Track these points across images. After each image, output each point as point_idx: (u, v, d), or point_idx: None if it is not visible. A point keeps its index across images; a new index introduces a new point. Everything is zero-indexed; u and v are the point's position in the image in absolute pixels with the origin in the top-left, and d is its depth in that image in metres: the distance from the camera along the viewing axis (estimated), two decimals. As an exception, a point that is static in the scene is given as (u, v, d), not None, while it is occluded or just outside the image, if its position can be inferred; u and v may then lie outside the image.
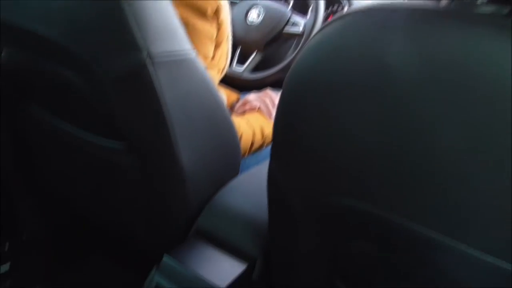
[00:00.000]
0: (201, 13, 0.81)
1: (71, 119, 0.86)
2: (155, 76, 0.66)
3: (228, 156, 0.88)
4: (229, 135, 0.86)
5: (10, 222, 1.21)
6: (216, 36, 0.87)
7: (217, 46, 0.88)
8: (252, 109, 1.11)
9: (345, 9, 1.44)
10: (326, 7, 1.45)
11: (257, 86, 1.33)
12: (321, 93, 0.44)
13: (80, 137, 0.85)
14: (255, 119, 1.07)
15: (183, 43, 0.71)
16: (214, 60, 0.89)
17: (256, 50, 1.36)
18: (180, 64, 0.70)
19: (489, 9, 0.34)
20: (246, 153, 1.03)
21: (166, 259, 0.73)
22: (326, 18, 1.47)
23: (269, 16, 1.33)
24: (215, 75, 0.93)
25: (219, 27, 0.86)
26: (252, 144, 1.03)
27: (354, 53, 0.40)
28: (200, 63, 0.75)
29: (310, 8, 1.31)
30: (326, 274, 0.60)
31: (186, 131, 0.75)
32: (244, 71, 1.36)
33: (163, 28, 0.67)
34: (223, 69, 0.97)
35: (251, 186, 0.86)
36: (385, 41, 0.38)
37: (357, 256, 0.52)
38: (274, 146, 0.52)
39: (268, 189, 0.58)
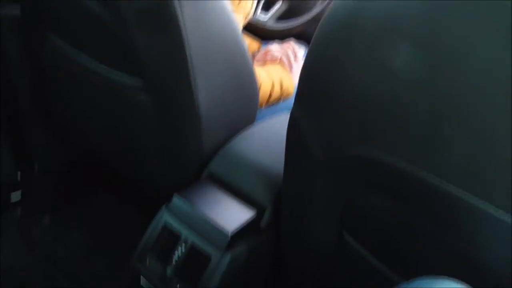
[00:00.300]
0: None
1: (91, 52, 0.84)
2: (180, 13, 0.64)
3: (246, 103, 0.87)
4: (249, 83, 0.84)
5: (23, 152, 1.22)
6: None
7: None
8: (274, 60, 1.08)
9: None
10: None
11: (281, 36, 1.29)
12: (354, 43, 0.43)
13: (98, 71, 0.84)
14: (276, 70, 1.04)
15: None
16: (241, 3, 0.86)
17: (282, -3, 1.31)
18: (207, 3, 0.68)
19: None
20: (263, 104, 1.01)
21: (176, 199, 0.74)
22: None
23: (299, -37, 1.27)
24: (240, 20, 0.90)
25: None
26: (270, 95, 1.01)
27: (389, 4, 0.39)
28: (228, 5, 0.72)
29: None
30: (336, 227, 0.60)
31: (206, 73, 0.74)
32: (268, 19, 1.31)
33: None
34: (248, 14, 0.93)
35: (266, 136, 0.84)
36: None
37: (371, 210, 0.52)
38: (300, 91, 0.51)
39: (288, 134, 0.56)
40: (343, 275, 0.67)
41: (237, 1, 0.85)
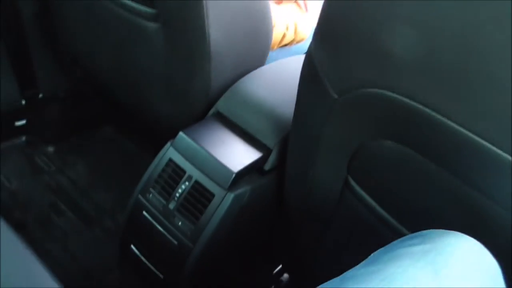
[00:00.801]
0: None
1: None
2: None
3: (258, 42, 0.84)
4: (263, 23, 0.81)
5: (28, 81, 1.21)
6: None
7: None
8: (289, 0, 1.04)
9: None
10: None
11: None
12: None
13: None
14: (291, 11, 1.00)
15: None
16: None
17: None
18: None
19: None
20: (276, 46, 0.98)
21: (181, 135, 0.73)
22: None
23: None
24: None
25: None
26: (283, 37, 0.98)
27: None
28: None
29: None
30: (342, 172, 0.59)
31: (220, 8, 0.70)
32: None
33: None
34: None
35: (275, 77, 0.82)
36: None
37: (380, 156, 0.51)
38: (319, 29, 0.49)
39: (303, 73, 0.55)
40: (344, 221, 0.67)
41: None
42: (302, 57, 0.89)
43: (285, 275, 0.99)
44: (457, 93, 0.39)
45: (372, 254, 0.35)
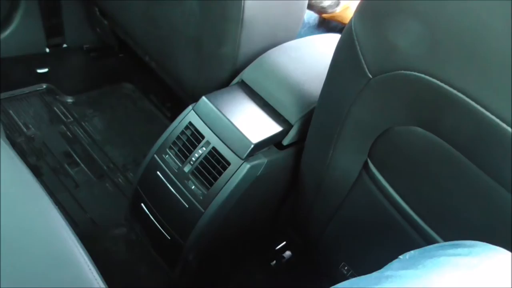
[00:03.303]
0: None
1: None
2: None
3: (291, 15, 0.82)
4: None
5: (54, 29, 1.20)
6: None
7: None
8: None
9: None
10: None
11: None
12: None
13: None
14: None
15: None
16: None
17: None
18: None
19: None
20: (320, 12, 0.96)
21: (204, 100, 0.72)
22: None
23: None
24: None
25: None
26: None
27: None
28: None
29: None
30: (363, 155, 0.58)
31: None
32: None
33: None
34: None
35: (305, 53, 0.81)
36: None
37: (407, 144, 0.50)
38: (363, 7, 0.47)
39: (340, 50, 0.53)
40: (358, 204, 0.67)
41: None
42: (334, 36, 0.87)
43: (287, 252, 1.00)
44: (496, 84, 0.38)
45: (407, 254, 0.34)
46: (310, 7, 0.98)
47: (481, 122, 0.39)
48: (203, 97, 0.73)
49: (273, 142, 0.72)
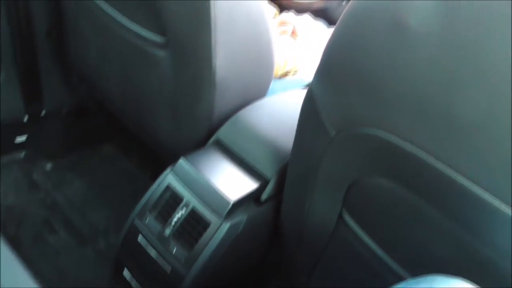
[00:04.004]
0: None
1: (115, 3, 0.83)
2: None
3: (262, 72, 0.86)
4: (268, 52, 0.83)
5: (32, 96, 1.22)
6: None
7: None
8: (286, 32, 1.08)
9: None
10: None
11: (300, 9, 1.27)
12: (384, 24, 0.42)
13: (121, 22, 0.83)
14: (289, 43, 1.04)
15: None
16: None
17: (308, -29, 1.28)
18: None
19: None
20: (277, 74, 1.00)
21: (182, 161, 0.74)
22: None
23: None
24: None
25: None
26: (284, 66, 1.00)
27: None
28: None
29: None
30: (337, 206, 0.60)
31: (227, 37, 0.73)
32: (291, -9, 1.29)
33: None
34: None
35: (277, 110, 0.84)
36: None
37: (375, 192, 0.52)
38: (321, 67, 0.51)
39: (303, 108, 0.56)
40: (337, 253, 0.68)
41: None
42: (303, 92, 0.91)
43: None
44: (451, 138, 0.41)
45: None
46: None
47: (434, 173, 0.42)
48: (181, 159, 0.74)
49: (252, 198, 0.73)
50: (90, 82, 1.14)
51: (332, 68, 0.48)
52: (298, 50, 1.02)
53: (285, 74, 1.03)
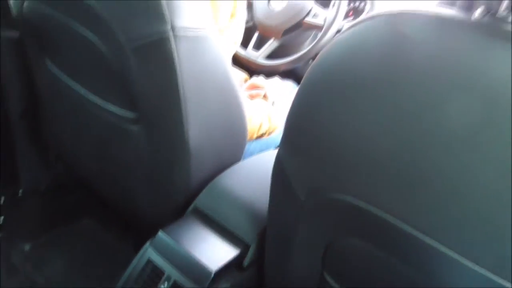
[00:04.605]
0: None
1: (86, 83, 0.86)
2: (175, 49, 0.66)
3: (235, 138, 0.88)
4: (239, 117, 0.86)
5: (9, 177, 1.21)
6: (232, 8, 0.88)
7: (232, 16, 0.89)
8: (258, 95, 1.12)
9: (367, 6, 1.42)
10: (349, 1, 1.43)
11: (269, 72, 1.32)
12: (337, 93, 0.45)
13: (93, 101, 0.85)
14: (262, 104, 1.07)
15: (206, 21, 0.70)
16: (230, 30, 0.90)
17: (273, 37, 1.35)
18: (201, 40, 0.70)
19: None
20: (254, 136, 1.03)
21: (160, 234, 0.74)
22: (346, 14, 1.45)
23: (292, 4, 1.31)
24: (230, 46, 0.93)
25: None
26: (259, 128, 1.03)
27: (373, 59, 0.41)
28: (220, 42, 0.74)
29: (332, 2, 1.29)
30: (317, 267, 0.60)
31: (198, 107, 0.75)
32: (259, 56, 1.35)
33: (188, 3, 0.67)
34: (236, 40, 0.97)
35: (253, 173, 0.86)
36: (406, 50, 0.38)
37: (351, 253, 0.53)
38: (285, 134, 0.53)
39: (273, 175, 0.58)
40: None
41: (227, 28, 0.88)
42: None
43: None
44: (409, 198, 0.42)
45: None
46: None
47: (401, 233, 0.43)
48: (160, 232, 0.74)
49: (234, 265, 0.73)
50: (67, 160, 1.15)
51: (295, 136, 0.51)
52: (271, 112, 1.06)
53: (261, 136, 1.06)
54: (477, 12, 0.38)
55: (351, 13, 1.46)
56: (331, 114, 0.45)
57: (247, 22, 1.40)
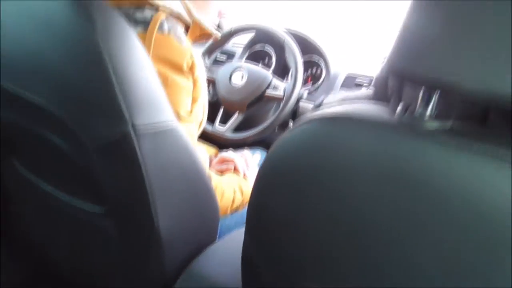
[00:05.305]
0: (178, 68, 0.84)
1: (52, 181, 0.86)
2: (137, 147, 0.67)
3: (207, 220, 0.89)
4: (209, 200, 0.87)
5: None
6: (193, 91, 0.90)
7: (194, 100, 0.91)
8: (228, 170, 1.14)
9: (324, 71, 1.50)
10: (305, 69, 1.51)
11: (237, 145, 1.36)
12: (288, 186, 0.47)
13: (60, 198, 0.85)
14: (233, 178, 1.09)
15: (166, 114, 0.72)
16: (193, 114, 0.91)
17: (238, 111, 1.39)
18: (163, 134, 0.72)
19: (434, 124, 0.38)
20: (228, 211, 1.03)
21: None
22: (305, 81, 1.52)
23: (252, 79, 1.37)
24: (194, 129, 0.95)
25: (195, 82, 0.89)
26: (233, 201, 1.04)
27: (317, 158, 0.44)
28: (183, 130, 0.76)
29: (290, 73, 1.36)
30: None
31: (166, 198, 0.76)
32: (226, 130, 1.39)
33: (147, 100, 0.69)
34: (201, 122, 0.99)
35: (229, 254, 0.86)
36: (345, 149, 0.42)
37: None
38: (249, 223, 0.54)
39: (242, 262, 0.58)
40: None
41: (188, 113, 0.90)
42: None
43: None
44: None
45: None
46: None
47: None
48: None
49: None
50: (38, 255, 1.12)
51: (255, 224, 0.52)
52: (242, 184, 1.07)
53: (236, 209, 1.06)
54: (397, 112, 0.41)
55: (309, 79, 1.53)
56: (284, 204, 0.47)
57: (211, 97, 1.45)
